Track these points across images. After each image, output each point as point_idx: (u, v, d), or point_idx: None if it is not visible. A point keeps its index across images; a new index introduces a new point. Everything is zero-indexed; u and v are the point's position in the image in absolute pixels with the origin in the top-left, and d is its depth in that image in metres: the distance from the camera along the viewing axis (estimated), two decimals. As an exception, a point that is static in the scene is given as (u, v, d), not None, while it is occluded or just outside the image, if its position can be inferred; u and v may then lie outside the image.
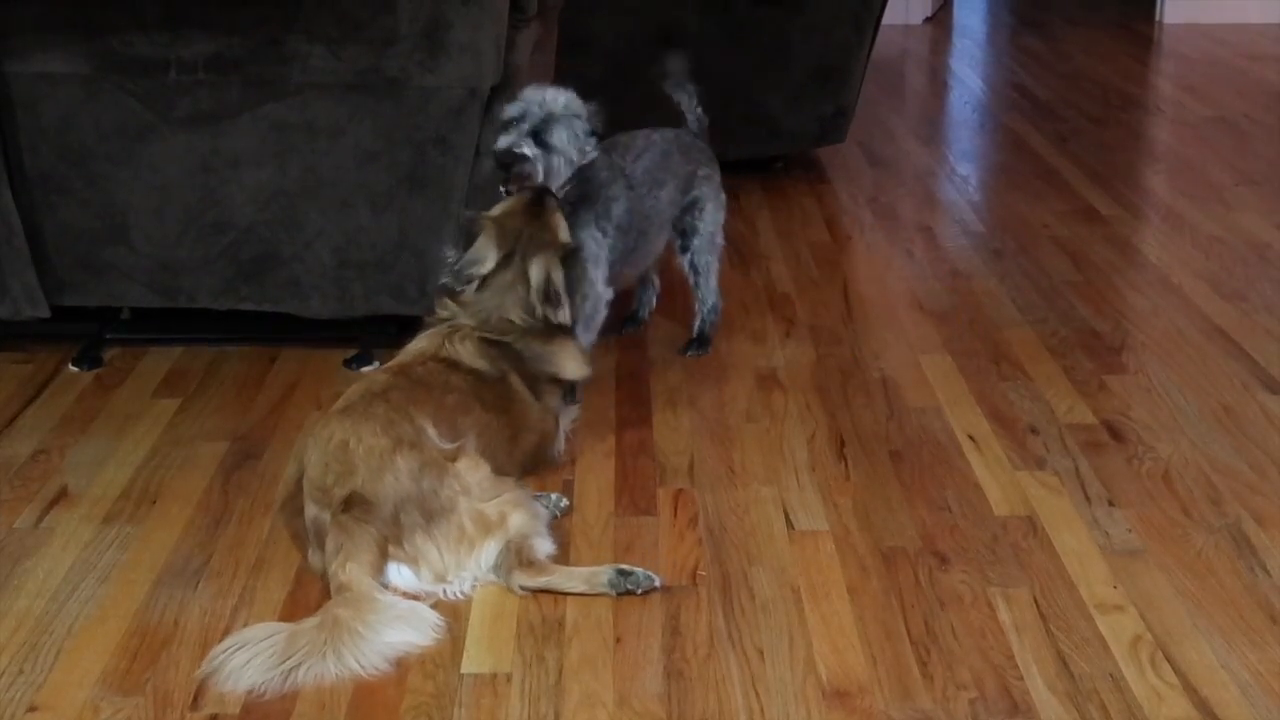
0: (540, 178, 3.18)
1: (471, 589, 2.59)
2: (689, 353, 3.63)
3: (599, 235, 3.31)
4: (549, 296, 2.98)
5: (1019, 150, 5.62)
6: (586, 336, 3.28)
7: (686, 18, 4.88)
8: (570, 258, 3.05)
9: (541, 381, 3.01)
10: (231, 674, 2.33)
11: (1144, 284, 4.13)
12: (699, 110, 3.73)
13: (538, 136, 3.19)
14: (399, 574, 2.56)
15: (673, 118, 3.71)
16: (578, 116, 3.25)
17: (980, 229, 4.64)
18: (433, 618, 2.49)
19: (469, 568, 2.60)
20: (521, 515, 2.63)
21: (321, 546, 2.57)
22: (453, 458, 2.65)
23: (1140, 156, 5.67)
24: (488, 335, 2.97)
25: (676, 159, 3.54)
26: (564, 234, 3.07)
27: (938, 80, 7.14)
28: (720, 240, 3.68)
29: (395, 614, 2.46)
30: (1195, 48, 7.51)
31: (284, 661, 2.33)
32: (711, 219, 3.64)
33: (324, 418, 2.73)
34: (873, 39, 5.08)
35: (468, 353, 2.93)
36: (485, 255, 3.00)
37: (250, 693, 2.30)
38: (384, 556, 2.54)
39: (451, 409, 2.77)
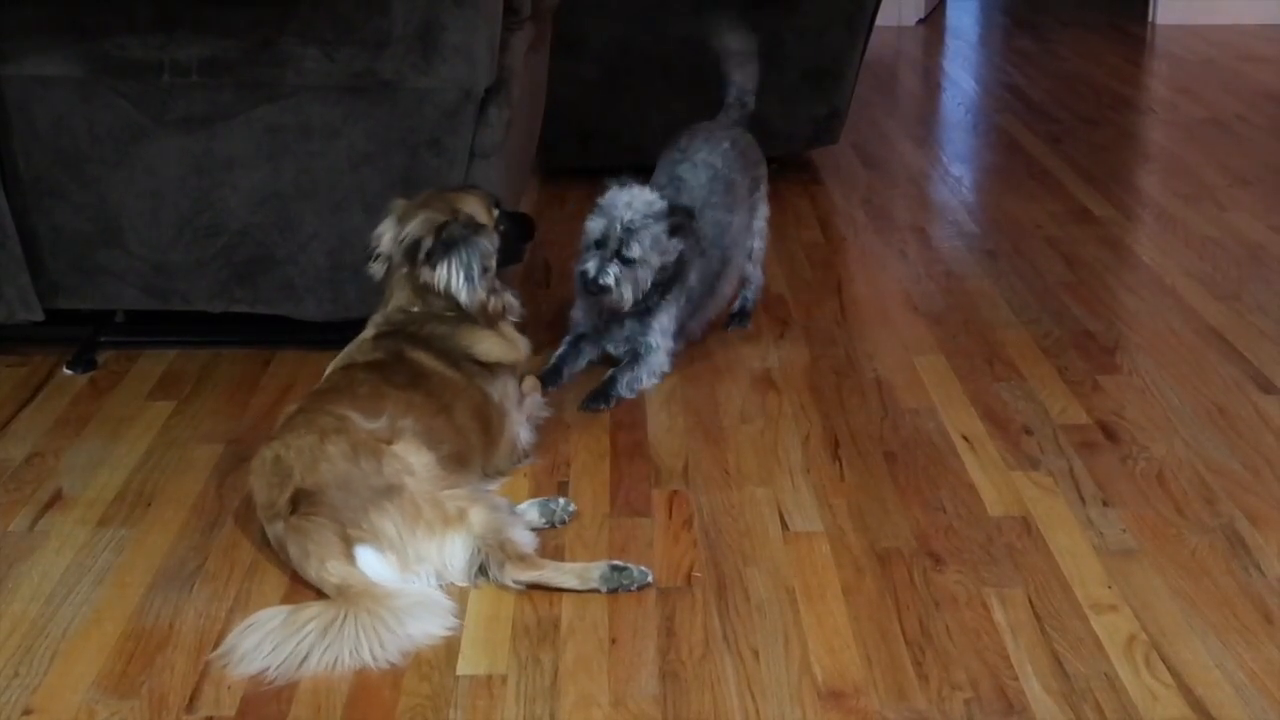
0: (628, 293, 3.34)
1: (437, 586, 2.58)
2: (731, 327, 3.77)
3: (675, 310, 3.47)
4: (412, 252, 2.96)
5: (1012, 151, 5.63)
6: (639, 375, 3.41)
7: (679, 20, 4.88)
8: (464, 227, 2.98)
9: (462, 360, 2.99)
10: (245, 656, 2.34)
11: (1137, 284, 4.13)
12: (751, 97, 3.84)
13: (619, 255, 3.30)
14: (365, 559, 2.56)
15: (671, 114, 3.71)
16: (657, 220, 3.34)
17: (974, 230, 4.64)
18: (448, 604, 2.51)
19: (430, 557, 2.59)
20: (482, 511, 2.63)
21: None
22: (388, 440, 2.66)
23: (1133, 157, 5.68)
24: (382, 330, 2.99)
25: (739, 177, 3.65)
26: (470, 210, 3.03)
27: (931, 82, 7.15)
28: (767, 230, 3.85)
29: (415, 601, 2.48)
30: (1188, 49, 7.52)
31: (295, 639, 2.35)
32: (764, 214, 3.82)
33: (258, 454, 2.74)
34: (866, 41, 5.08)
35: (361, 353, 2.95)
36: (384, 230, 3.05)
37: (256, 681, 2.31)
38: (348, 543, 2.55)
39: (366, 396, 2.78)
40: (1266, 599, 2.55)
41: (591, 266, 3.32)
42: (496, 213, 3.09)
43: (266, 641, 2.36)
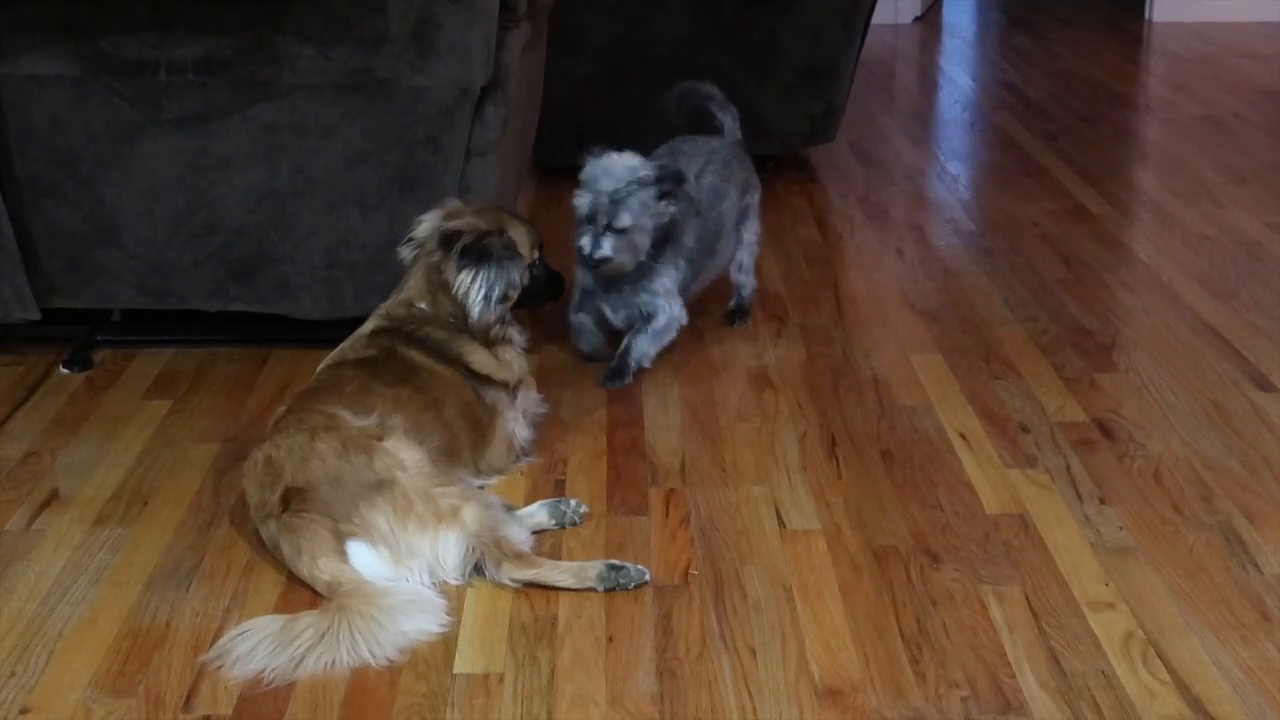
0: (627, 260, 3.36)
1: (430, 583, 2.58)
2: (735, 323, 3.81)
3: (673, 271, 3.49)
4: (448, 242, 2.98)
5: (1009, 149, 5.63)
6: (655, 343, 3.47)
7: (675, 18, 4.88)
8: (503, 246, 3.01)
9: (454, 361, 2.99)
10: (239, 659, 2.34)
11: (1134, 282, 4.13)
12: (739, 133, 3.90)
13: (611, 227, 3.31)
14: (357, 553, 2.56)
15: (665, 115, 3.74)
16: (644, 185, 3.34)
17: (971, 228, 4.64)
18: (440, 602, 2.51)
19: (422, 552, 2.58)
20: (475, 509, 2.63)
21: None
22: (378, 436, 2.66)
23: (1130, 155, 5.68)
24: (380, 326, 3.00)
25: (735, 167, 3.71)
26: (516, 236, 3.07)
27: (928, 79, 7.15)
28: (758, 245, 3.87)
29: (406, 599, 2.48)
30: (1185, 46, 7.53)
31: (290, 646, 2.35)
32: (754, 227, 3.83)
33: (249, 456, 2.75)
34: (862, 38, 5.08)
35: (354, 350, 2.96)
36: (427, 219, 3.08)
37: (253, 683, 2.32)
38: (340, 539, 2.55)
39: (355, 394, 2.78)
40: (1264, 596, 2.55)
41: (586, 243, 3.34)
42: (537, 254, 3.13)
43: (261, 646, 2.36)
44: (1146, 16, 8.22)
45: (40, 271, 3.48)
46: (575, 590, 2.57)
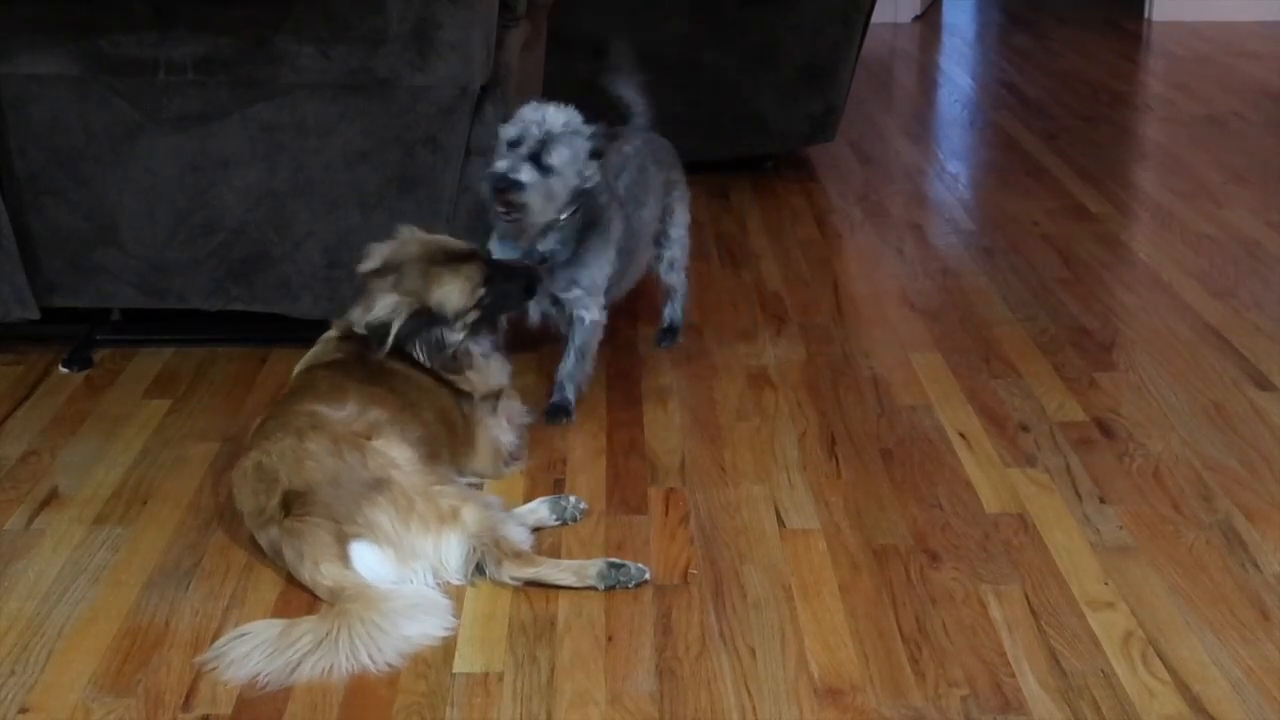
0: (539, 203, 3.10)
1: (435, 583, 2.58)
2: (663, 344, 3.66)
3: (604, 264, 3.27)
4: (377, 333, 2.86)
5: (1009, 148, 5.63)
6: (583, 365, 3.29)
7: (675, 17, 4.88)
8: (428, 321, 2.87)
9: (427, 368, 2.94)
10: (234, 662, 2.34)
11: (1134, 281, 4.13)
12: (646, 107, 3.64)
13: (536, 159, 3.09)
14: (361, 554, 2.55)
15: (667, 111, 3.71)
16: (579, 135, 3.15)
17: (970, 227, 4.64)
18: (446, 603, 2.51)
19: (425, 553, 2.58)
20: (475, 509, 2.62)
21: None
22: (366, 435, 2.65)
23: (1130, 154, 5.68)
24: (345, 332, 2.95)
25: (652, 170, 3.52)
26: (442, 298, 2.89)
27: (927, 78, 7.14)
28: (688, 238, 3.70)
29: (410, 603, 2.47)
30: (1184, 45, 7.52)
31: (287, 651, 2.34)
32: (681, 221, 3.67)
33: (236, 466, 2.73)
34: (862, 37, 5.08)
35: (325, 353, 2.93)
36: (371, 257, 2.97)
37: (250, 685, 2.32)
38: (343, 542, 2.54)
39: (329, 392, 2.75)
40: (1263, 595, 2.55)
41: (503, 165, 3.07)
42: (482, 292, 2.93)
43: (258, 650, 2.35)
44: (1146, 16, 8.22)
45: (40, 271, 3.48)
46: (576, 589, 2.57)
